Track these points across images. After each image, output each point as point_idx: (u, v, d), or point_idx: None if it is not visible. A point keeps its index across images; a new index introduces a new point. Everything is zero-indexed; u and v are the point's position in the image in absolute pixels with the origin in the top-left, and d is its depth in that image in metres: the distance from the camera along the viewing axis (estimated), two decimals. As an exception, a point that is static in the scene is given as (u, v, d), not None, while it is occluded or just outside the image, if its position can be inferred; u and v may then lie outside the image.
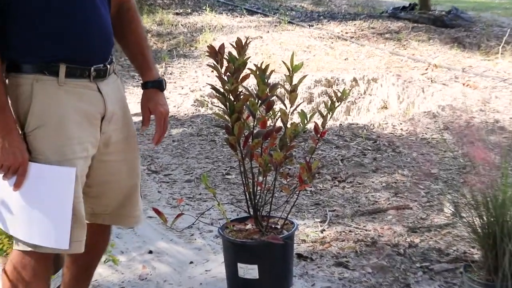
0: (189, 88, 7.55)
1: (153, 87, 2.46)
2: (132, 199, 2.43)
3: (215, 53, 2.92)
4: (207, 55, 2.96)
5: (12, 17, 2.09)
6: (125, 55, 2.51)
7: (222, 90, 2.94)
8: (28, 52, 2.11)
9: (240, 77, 2.92)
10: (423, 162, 5.04)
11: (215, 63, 2.93)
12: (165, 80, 2.51)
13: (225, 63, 2.93)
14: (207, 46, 2.98)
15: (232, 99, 2.93)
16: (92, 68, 2.19)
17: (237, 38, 2.98)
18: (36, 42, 2.10)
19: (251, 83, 6.27)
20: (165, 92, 2.51)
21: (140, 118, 2.52)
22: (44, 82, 2.12)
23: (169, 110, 2.51)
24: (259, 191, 3.06)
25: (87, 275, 2.59)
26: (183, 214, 3.01)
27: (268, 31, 9.88)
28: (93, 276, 2.65)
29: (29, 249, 2.15)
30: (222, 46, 2.94)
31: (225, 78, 2.93)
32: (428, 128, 5.91)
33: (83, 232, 2.18)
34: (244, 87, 2.98)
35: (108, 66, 2.26)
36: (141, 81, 2.50)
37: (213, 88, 2.99)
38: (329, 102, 3.02)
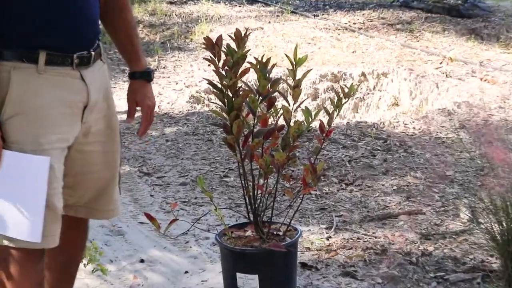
0: (184, 83, 7.54)
1: (142, 77, 2.54)
2: (107, 192, 2.48)
3: (212, 46, 2.92)
4: (203, 48, 2.97)
5: None
6: (113, 45, 2.54)
7: (219, 85, 2.94)
8: (8, 39, 2.15)
9: (239, 72, 2.92)
10: (437, 164, 5.04)
11: (212, 56, 2.93)
12: (153, 71, 2.57)
13: (223, 56, 2.93)
14: (204, 38, 2.98)
15: (231, 95, 2.93)
16: (75, 56, 2.23)
17: (236, 29, 2.98)
18: (16, 29, 2.14)
19: (251, 78, 6.27)
20: (158, 88, 2.54)
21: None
22: (23, 70, 2.16)
23: (163, 107, 2.54)
24: (259, 195, 3.06)
25: (69, 275, 2.63)
26: (178, 219, 3.01)
27: (269, 22, 9.88)
28: (77, 279, 2.67)
29: (6, 242, 2.19)
30: (219, 38, 2.94)
31: (223, 72, 2.93)
32: (442, 126, 5.91)
33: (57, 225, 2.23)
34: (243, 82, 2.98)
35: (93, 52, 2.30)
36: (129, 71, 2.56)
37: (210, 83, 2.99)
38: (336, 98, 3.02)
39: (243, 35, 2.93)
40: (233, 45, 2.93)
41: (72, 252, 2.58)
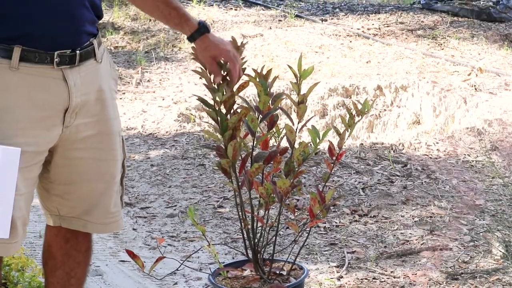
0: (172, 99, 7.57)
1: (201, 34, 2.72)
2: (102, 204, 2.58)
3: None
4: (193, 58, 2.99)
5: None
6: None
7: (212, 101, 2.95)
8: None
9: (237, 86, 2.93)
10: (465, 191, 5.05)
11: (203, 67, 2.95)
12: (204, 21, 2.74)
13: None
14: (192, 48, 3.01)
15: (225, 111, 2.94)
16: (56, 54, 2.35)
17: (231, 37, 3.00)
18: None
19: (250, 92, 6.30)
20: (142, 104, 2.62)
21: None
22: None
23: (147, 127, 2.61)
24: (259, 228, 3.07)
25: None
26: (165, 257, 3.02)
27: (270, 28, 9.93)
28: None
29: None
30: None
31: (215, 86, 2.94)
32: (471, 148, 5.93)
33: (13, 234, 2.33)
34: (241, 98, 2.99)
35: (78, 52, 2.41)
36: (186, 37, 2.75)
37: (200, 99, 3.00)
38: (347, 116, 3.04)
39: (239, 44, 2.96)
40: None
41: (70, 268, 2.66)
